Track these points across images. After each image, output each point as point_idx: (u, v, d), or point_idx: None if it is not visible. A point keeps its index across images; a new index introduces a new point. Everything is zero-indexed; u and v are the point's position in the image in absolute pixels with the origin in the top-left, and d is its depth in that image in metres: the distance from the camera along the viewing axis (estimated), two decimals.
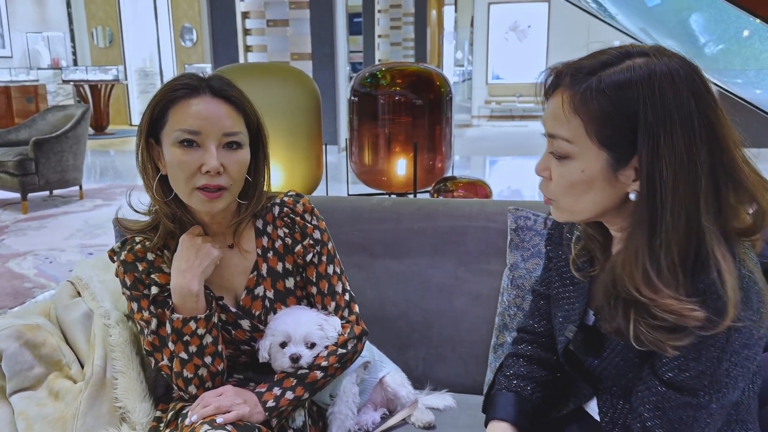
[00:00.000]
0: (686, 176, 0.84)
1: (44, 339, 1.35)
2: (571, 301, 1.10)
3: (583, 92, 0.88)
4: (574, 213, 0.97)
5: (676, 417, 0.90)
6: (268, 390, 1.23)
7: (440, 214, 1.84)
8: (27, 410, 1.26)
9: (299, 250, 1.35)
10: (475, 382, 1.68)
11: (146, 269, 1.27)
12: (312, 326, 1.29)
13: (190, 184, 1.19)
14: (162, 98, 1.20)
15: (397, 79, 2.92)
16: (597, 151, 0.89)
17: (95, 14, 12.24)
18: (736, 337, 0.86)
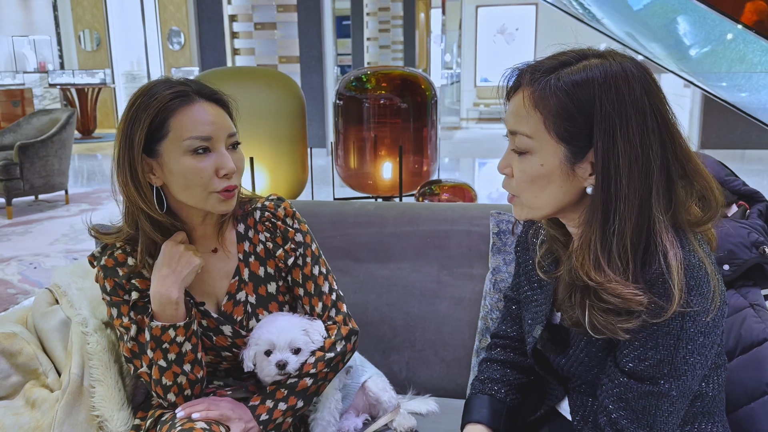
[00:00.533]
0: (640, 168, 0.89)
1: (21, 348, 1.34)
2: (538, 302, 1.12)
3: (542, 89, 0.92)
4: (534, 209, 1.00)
5: (639, 406, 0.93)
6: (261, 403, 1.23)
7: (423, 219, 1.84)
8: (3, 419, 1.25)
9: (281, 254, 1.34)
10: (458, 386, 1.68)
11: (126, 274, 1.26)
12: (296, 331, 1.28)
13: (207, 189, 1.19)
14: (154, 111, 1.17)
15: (383, 83, 2.92)
16: (555, 146, 0.93)
17: (82, 17, 12.17)
18: (690, 324, 0.89)
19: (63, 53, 12.18)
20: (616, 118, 0.89)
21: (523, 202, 1.00)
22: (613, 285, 0.89)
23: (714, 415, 1.02)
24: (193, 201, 1.21)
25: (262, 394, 1.26)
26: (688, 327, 0.89)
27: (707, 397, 1.00)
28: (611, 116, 0.89)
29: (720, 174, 1.47)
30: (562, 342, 1.05)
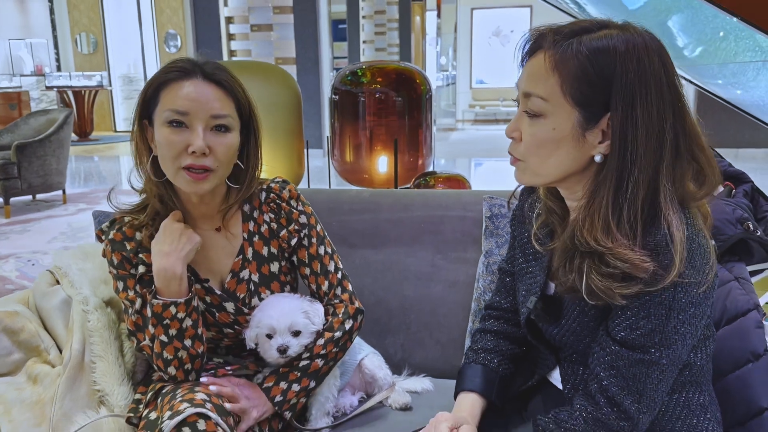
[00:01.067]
0: (655, 138, 0.91)
1: (23, 325, 1.36)
2: (533, 274, 1.14)
3: (563, 51, 0.92)
4: (538, 175, 1.00)
5: (629, 374, 0.95)
6: (275, 384, 1.28)
7: (418, 205, 1.87)
8: (5, 394, 1.27)
9: (284, 234, 1.38)
10: (452, 367, 1.71)
11: (134, 248, 1.29)
12: (296, 315, 1.31)
13: (176, 164, 1.21)
14: (155, 80, 1.22)
15: (378, 77, 2.96)
16: (570, 110, 0.93)
17: (79, 21, 12.20)
18: (681, 295, 0.91)
19: (60, 56, 12.21)
20: (637, 88, 0.90)
21: (528, 167, 1.00)
22: (621, 250, 0.90)
23: (701, 384, 1.05)
24: (168, 174, 1.24)
25: (275, 374, 1.30)
26: (680, 298, 0.91)
27: (695, 366, 1.03)
28: (632, 85, 0.90)
29: None
30: (555, 312, 1.08)
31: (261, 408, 1.28)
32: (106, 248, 1.31)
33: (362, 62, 3.28)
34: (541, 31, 0.96)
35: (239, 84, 1.28)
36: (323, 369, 1.33)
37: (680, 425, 1.02)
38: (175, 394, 1.20)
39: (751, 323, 1.18)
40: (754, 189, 1.51)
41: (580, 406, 1.00)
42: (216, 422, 1.14)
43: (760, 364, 1.14)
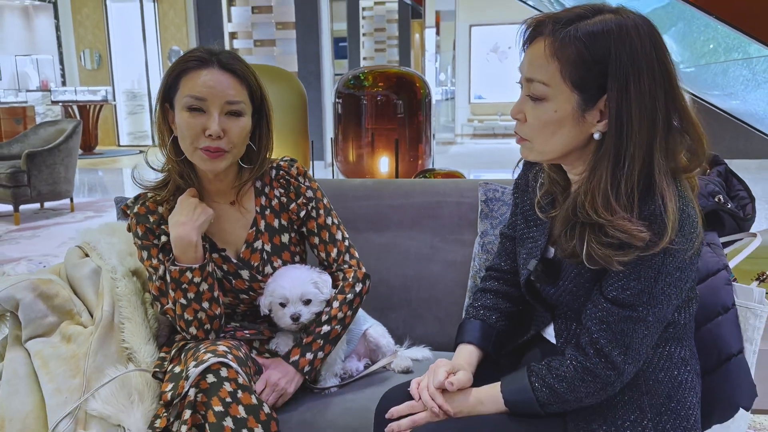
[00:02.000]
0: (648, 116, 0.99)
1: (57, 291, 1.49)
2: (534, 238, 1.24)
3: (561, 39, 1.00)
4: (543, 153, 1.09)
5: (618, 329, 1.05)
6: (302, 356, 1.41)
7: (417, 192, 2.01)
8: (42, 350, 1.39)
9: (293, 207, 1.51)
10: (450, 340, 1.80)
11: (157, 221, 1.43)
12: (306, 285, 1.44)
13: (194, 144, 1.35)
14: (176, 68, 1.36)
15: (379, 81, 3.10)
16: (569, 93, 1.02)
17: (84, 37, 12.41)
18: (669, 260, 1.01)
19: (65, 72, 12.41)
20: (630, 68, 0.97)
21: (533, 146, 1.09)
22: (620, 222, 0.98)
23: (683, 340, 1.15)
24: (187, 153, 1.38)
25: (299, 347, 1.42)
26: (668, 263, 1.01)
27: (679, 324, 1.13)
28: (626, 66, 0.97)
29: None
30: (554, 274, 1.17)
31: (294, 381, 1.41)
32: (131, 222, 1.45)
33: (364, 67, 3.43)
34: (540, 18, 1.05)
35: (252, 72, 1.41)
36: (341, 333, 1.47)
37: (663, 375, 1.12)
38: (199, 347, 1.33)
39: (720, 281, 1.29)
40: (727, 170, 1.64)
41: (571, 356, 1.10)
42: (237, 370, 1.26)
43: (728, 316, 1.26)
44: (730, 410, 1.22)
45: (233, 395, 1.23)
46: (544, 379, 1.10)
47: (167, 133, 1.40)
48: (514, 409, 1.12)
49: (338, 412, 1.41)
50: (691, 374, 1.15)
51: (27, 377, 1.38)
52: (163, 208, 1.44)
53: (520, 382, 1.12)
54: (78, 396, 1.33)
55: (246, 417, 1.21)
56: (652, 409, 1.10)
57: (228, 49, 1.41)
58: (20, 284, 1.45)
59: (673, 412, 1.10)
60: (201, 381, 1.23)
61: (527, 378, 1.12)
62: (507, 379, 1.15)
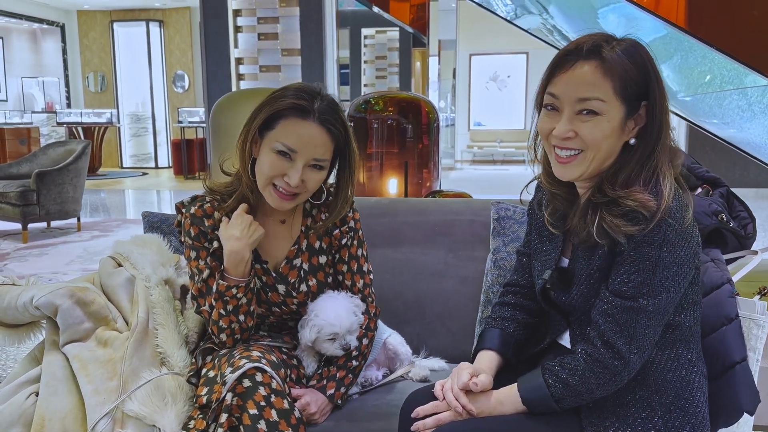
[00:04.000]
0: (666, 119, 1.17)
1: (93, 298, 1.56)
2: (548, 251, 1.35)
3: (608, 59, 1.15)
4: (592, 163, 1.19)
5: (622, 320, 1.15)
6: (337, 390, 1.50)
7: (431, 211, 2.09)
8: (80, 354, 1.46)
9: (336, 233, 1.58)
10: (463, 352, 1.90)
11: (212, 225, 1.51)
12: (351, 317, 1.51)
13: (270, 182, 1.44)
14: (277, 107, 1.41)
15: (389, 106, 3.21)
16: (619, 106, 1.16)
17: (90, 61, 12.61)
18: (666, 255, 1.13)
19: (70, 94, 12.57)
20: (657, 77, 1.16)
21: (586, 157, 1.19)
22: (635, 193, 1.14)
23: (690, 343, 1.24)
24: (260, 186, 1.46)
25: (333, 381, 1.50)
26: (664, 257, 1.12)
27: (684, 327, 1.22)
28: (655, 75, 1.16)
29: (687, 162, 1.73)
30: (567, 281, 1.28)
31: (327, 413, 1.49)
32: (185, 221, 1.52)
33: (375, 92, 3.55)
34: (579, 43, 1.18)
35: (346, 128, 1.47)
36: (360, 367, 1.57)
37: (671, 376, 1.20)
38: (233, 353, 1.40)
39: (724, 294, 1.38)
40: (729, 192, 1.73)
41: (581, 350, 1.19)
42: (271, 375, 1.33)
43: (732, 327, 1.34)
44: (735, 415, 1.29)
45: (267, 399, 1.30)
46: (558, 375, 1.18)
47: (249, 155, 1.47)
48: (531, 406, 1.20)
49: (362, 417, 1.48)
50: (698, 375, 1.23)
51: (65, 379, 1.44)
52: (219, 215, 1.51)
53: (535, 380, 1.20)
54: (115, 397, 1.39)
55: (278, 420, 1.28)
56: (662, 407, 1.18)
57: (329, 96, 1.46)
58: (59, 291, 1.53)
59: (682, 410, 1.19)
60: (237, 385, 1.31)
61: (541, 376, 1.20)
62: (523, 379, 1.23)
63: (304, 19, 8.60)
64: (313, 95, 1.43)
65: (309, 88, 1.44)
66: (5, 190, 5.40)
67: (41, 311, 1.51)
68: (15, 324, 1.61)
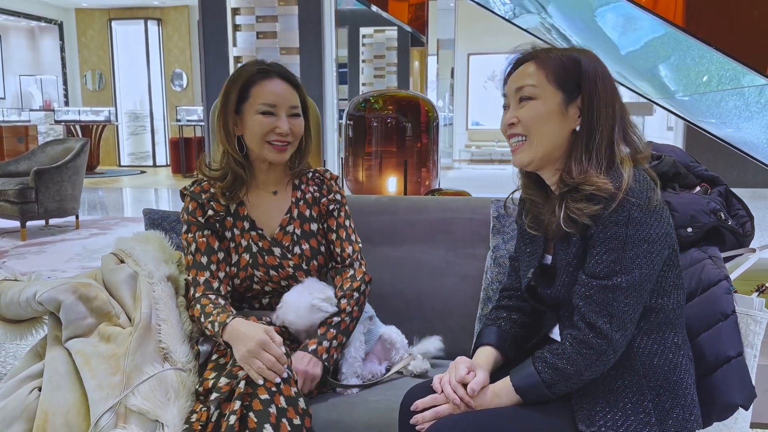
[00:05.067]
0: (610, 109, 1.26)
1: (96, 294, 1.57)
2: (531, 252, 1.41)
3: (544, 56, 1.29)
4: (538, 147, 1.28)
5: (600, 299, 1.20)
6: (319, 344, 1.55)
7: (431, 209, 2.11)
8: (84, 349, 1.47)
9: (324, 201, 1.74)
10: (463, 350, 1.89)
11: (208, 197, 1.67)
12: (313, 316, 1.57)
13: (265, 139, 1.61)
14: (245, 81, 1.61)
15: (389, 105, 3.22)
16: (554, 91, 1.27)
17: (88, 59, 12.59)
18: (632, 232, 1.18)
19: (68, 92, 12.55)
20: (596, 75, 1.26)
21: (528, 143, 1.29)
22: (592, 177, 1.21)
23: (675, 326, 1.28)
24: (255, 148, 1.63)
25: (315, 337, 1.56)
26: (631, 234, 1.18)
27: (668, 310, 1.26)
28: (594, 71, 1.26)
29: (685, 160, 1.74)
30: (550, 276, 1.32)
31: (318, 365, 1.53)
32: (186, 199, 1.67)
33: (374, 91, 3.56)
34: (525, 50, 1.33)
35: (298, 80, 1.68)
36: (351, 326, 1.63)
37: (658, 360, 1.24)
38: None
39: (721, 290, 1.39)
40: (727, 191, 1.75)
41: (567, 334, 1.24)
42: None
43: (728, 323, 1.35)
44: (729, 409, 1.31)
45: (277, 386, 1.34)
46: (547, 361, 1.22)
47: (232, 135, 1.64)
48: (524, 394, 1.23)
49: (363, 412, 1.49)
50: (685, 358, 1.27)
51: (68, 374, 1.45)
52: (216, 188, 1.66)
53: (526, 368, 1.25)
54: (118, 392, 1.40)
55: (286, 407, 1.32)
56: (651, 390, 1.22)
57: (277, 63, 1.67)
58: (62, 287, 1.53)
59: (671, 392, 1.22)
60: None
61: (532, 364, 1.24)
62: (515, 369, 1.28)
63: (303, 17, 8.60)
64: (264, 62, 1.64)
65: (258, 60, 1.66)
66: (4, 188, 5.40)
67: (44, 307, 1.52)
68: (17, 319, 1.62)
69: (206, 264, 1.62)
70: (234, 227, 1.67)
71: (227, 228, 1.67)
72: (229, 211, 1.68)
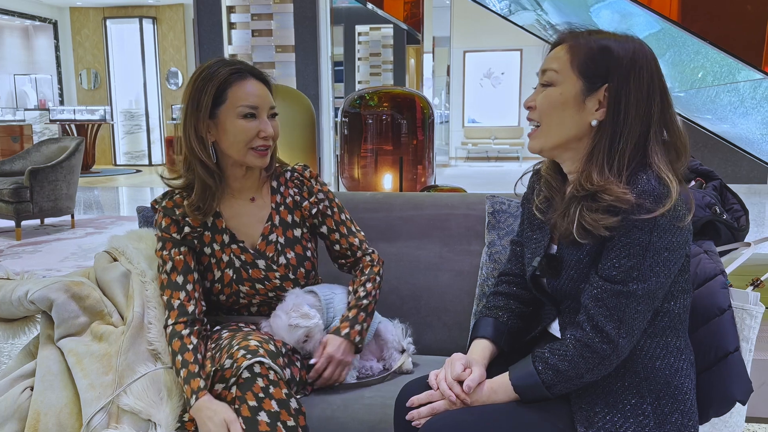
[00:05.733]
0: (644, 107, 1.17)
1: (88, 293, 1.56)
2: (538, 240, 1.36)
3: (576, 39, 1.22)
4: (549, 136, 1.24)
5: (611, 304, 1.16)
6: (351, 328, 1.58)
7: (426, 205, 2.10)
8: (76, 348, 1.46)
9: (306, 205, 1.66)
10: (458, 347, 1.89)
11: (182, 213, 1.56)
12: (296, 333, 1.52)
13: (249, 146, 1.52)
14: (221, 82, 1.49)
15: (384, 102, 3.21)
16: (575, 79, 1.20)
17: (83, 58, 12.55)
18: (656, 240, 1.13)
19: (63, 92, 12.51)
20: (631, 65, 1.17)
21: (541, 130, 1.24)
22: (610, 186, 1.14)
23: (678, 331, 1.25)
24: (236, 155, 1.53)
25: (348, 321, 1.58)
26: (654, 241, 1.13)
27: (673, 314, 1.23)
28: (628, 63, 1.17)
29: None
30: (556, 267, 1.28)
31: (350, 352, 1.57)
32: (159, 214, 1.58)
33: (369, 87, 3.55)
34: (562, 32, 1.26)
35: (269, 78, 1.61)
36: (374, 307, 1.67)
37: (660, 363, 1.21)
38: (232, 343, 1.40)
39: (717, 285, 1.39)
40: (722, 185, 1.75)
41: (570, 335, 1.20)
42: (269, 366, 1.34)
43: (725, 317, 1.34)
44: (727, 404, 1.30)
45: (266, 390, 1.31)
46: (548, 362, 1.19)
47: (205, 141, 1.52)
48: (523, 393, 1.21)
49: (358, 408, 1.48)
50: (687, 363, 1.25)
51: (60, 374, 1.44)
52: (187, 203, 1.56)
53: (526, 368, 1.22)
54: (111, 391, 1.39)
55: (279, 411, 1.29)
56: (651, 394, 1.19)
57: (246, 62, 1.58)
58: (54, 285, 1.52)
59: (671, 396, 1.20)
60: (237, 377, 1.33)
61: (532, 364, 1.21)
62: (514, 367, 1.25)
63: (298, 15, 8.59)
64: (234, 61, 1.54)
65: (225, 59, 1.56)
66: None
67: (36, 305, 1.51)
68: (9, 318, 1.61)
69: (182, 284, 1.53)
70: (213, 242, 1.58)
71: (206, 244, 1.58)
72: (207, 225, 1.58)
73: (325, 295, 1.63)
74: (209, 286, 1.58)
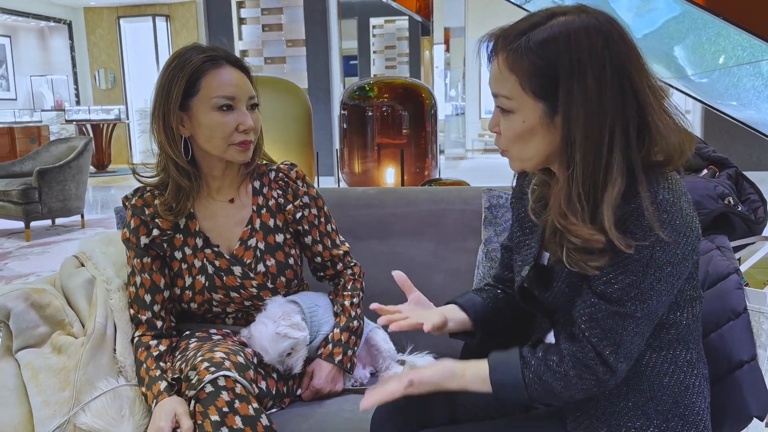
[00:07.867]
0: (595, 117, 0.94)
1: (49, 301, 1.46)
2: (528, 246, 1.19)
3: (514, 51, 0.98)
4: (524, 160, 1.06)
5: (607, 326, 0.99)
6: (344, 354, 1.50)
7: (420, 200, 1.97)
8: (33, 361, 1.36)
9: (290, 209, 1.52)
10: (452, 350, 1.77)
11: (152, 213, 1.43)
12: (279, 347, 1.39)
13: (228, 141, 1.38)
14: (193, 70, 1.35)
15: (385, 92, 3.08)
16: (533, 103, 0.99)
17: (98, 58, 12.58)
18: (659, 254, 0.95)
19: (79, 92, 12.57)
20: (575, 70, 0.94)
21: (513, 156, 1.06)
22: (573, 227, 0.96)
23: (689, 342, 1.08)
24: (215, 151, 1.39)
25: (340, 346, 1.48)
26: (657, 256, 0.95)
27: (681, 325, 1.06)
28: (570, 69, 0.94)
29: None
30: (547, 278, 1.12)
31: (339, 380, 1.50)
32: (128, 213, 1.46)
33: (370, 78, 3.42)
34: (494, 33, 1.03)
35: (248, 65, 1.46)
36: (363, 328, 1.58)
37: (668, 380, 1.06)
38: (196, 354, 1.29)
39: (731, 285, 1.24)
40: (738, 173, 1.59)
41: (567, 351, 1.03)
42: (235, 379, 1.22)
43: (739, 322, 1.20)
44: (743, 420, 1.15)
45: (230, 405, 1.20)
46: (540, 377, 1.04)
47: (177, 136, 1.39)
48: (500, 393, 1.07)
49: (338, 422, 1.37)
50: (699, 378, 1.09)
51: (16, 389, 1.35)
52: (159, 202, 1.43)
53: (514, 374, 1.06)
54: (67, 409, 1.29)
55: (242, 428, 1.18)
56: (659, 416, 1.04)
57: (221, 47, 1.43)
58: (12, 293, 1.43)
59: (681, 418, 1.04)
60: (198, 391, 1.21)
61: (521, 371, 1.06)
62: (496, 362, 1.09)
63: (309, 9, 8.49)
64: (210, 47, 1.40)
65: (200, 44, 1.41)
66: (7, 189, 5.36)
67: None
68: None
69: (149, 303, 1.43)
70: (185, 246, 1.45)
71: (177, 248, 1.45)
72: (178, 227, 1.45)
73: (308, 307, 1.51)
74: (179, 293, 1.47)
